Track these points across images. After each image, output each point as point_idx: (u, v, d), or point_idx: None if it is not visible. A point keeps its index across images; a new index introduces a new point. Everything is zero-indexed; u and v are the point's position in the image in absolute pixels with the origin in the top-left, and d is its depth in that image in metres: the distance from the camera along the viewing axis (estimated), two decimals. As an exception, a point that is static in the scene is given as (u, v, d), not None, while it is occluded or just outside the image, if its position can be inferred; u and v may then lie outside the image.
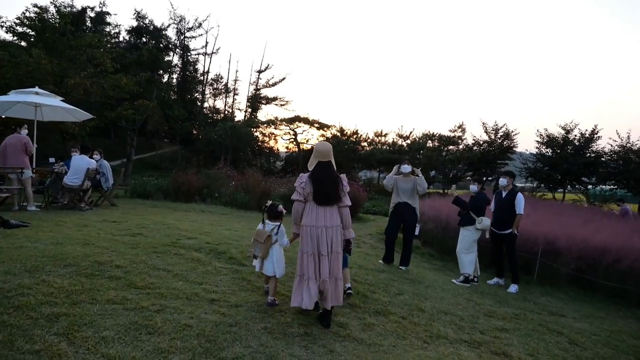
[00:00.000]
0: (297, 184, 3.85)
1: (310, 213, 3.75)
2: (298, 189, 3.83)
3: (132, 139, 17.55)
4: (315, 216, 3.73)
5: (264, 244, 3.88)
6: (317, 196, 3.73)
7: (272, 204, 4.07)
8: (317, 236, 3.68)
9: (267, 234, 3.90)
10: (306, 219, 3.75)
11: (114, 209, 9.26)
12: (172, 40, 44.58)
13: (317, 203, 3.74)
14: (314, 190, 3.73)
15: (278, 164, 43.62)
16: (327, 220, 3.73)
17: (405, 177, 6.75)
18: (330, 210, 3.77)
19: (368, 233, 9.05)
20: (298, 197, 3.83)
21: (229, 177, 13.68)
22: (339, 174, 3.89)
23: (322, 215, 3.73)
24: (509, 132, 27.33)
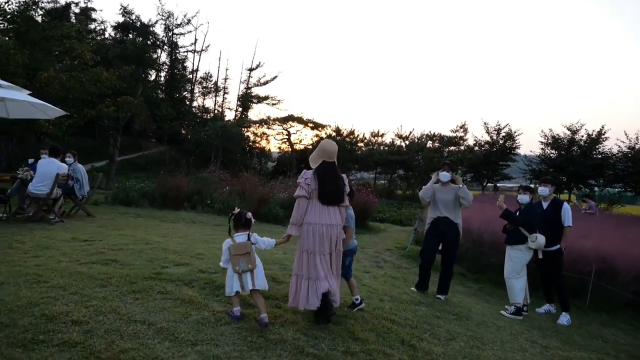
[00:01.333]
0: (302, 179, 3.75)
1: (313, 211, 3.69)
2: (303, 184, 3.71)
3: (116, 139, 16.15)
4: (319, 214, 3.67)
5: (250, 254, 3.51)
6: (322, 195, 3.69)
7: (240, 212, 3.72)
8: (321, 234, 3.63)
9: (248, 244, 3.55)
10: (309, 216, 3.67)
11: (89, 221, 7.94)
12: (160, 37, 43.10)
13: (322, 202, 3.69)
14: (320, 188, 3.68)
15: (270, 164, 42.40)
16: (331, 219, 3.70)
17: (444, 187, 5.56)
18: (334, 209, 3.75)
19: (385, 248, 7.87)
20: (302, 193, 3.69)
21: (221, 180, 12.38)
22: (342, 174, 3.87)
23: (325, 213, 3.69)
24: (511, 133, 26.44)
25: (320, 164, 3.79)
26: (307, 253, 3.64)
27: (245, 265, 3.51)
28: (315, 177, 3.71)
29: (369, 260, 6.76)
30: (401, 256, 7.41)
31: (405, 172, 27.35)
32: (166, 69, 44.82)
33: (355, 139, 29.14)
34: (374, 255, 7.13)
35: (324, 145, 3.89)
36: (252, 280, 3.51)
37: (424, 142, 26.40)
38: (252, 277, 3.52)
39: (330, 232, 3.67)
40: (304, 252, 3.66)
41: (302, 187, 3.72)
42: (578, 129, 23.49)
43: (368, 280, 5.51)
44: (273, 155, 42.20)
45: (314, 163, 3.84)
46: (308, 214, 3.68)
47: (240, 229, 3.68)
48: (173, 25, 43.36)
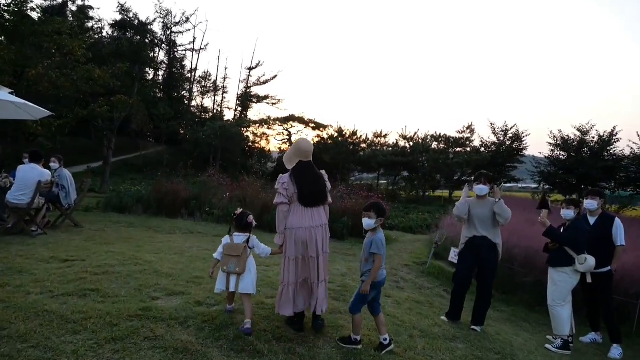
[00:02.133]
0: (279, 185, 3.60)
1: (295, 215, 3.55)
2: (280, 190, 3.57)
3: (110, 140, 15.36)
4: (301, 217, 3.53)
5: (241, 257, 3.50)
6: (303, 197, 3.54)
7: (243, 213, 3.71)
8: (305, 238, 3.49)
9: (242, 246, 3.55)
10: (291, 221, 3.54)
11: (75, 233, 7.19)
12: (158, 35, 42.50)
13: (304, 204, 3.55)
14: (299, 191, 3.53)
15: (269, 165, 41.72)
16: (315, 220, 3.55)
17: (480, 201, 4.82)
18: (317, 210, 3.60)
19: (403, 264, 7.13)
20: (282, 200, 3.56)
21: (221, 185, 11.63)
22: (320, 171, 3.73)
23: (309, 215, 3.54)
24: (519, 134, 25.71)
25: (296, 164, 3.63)
26: (289, 259, 3.53)
27: (234, 268, 3.47)
28: (293, 180, 3.56)
29: (387, 280, 6.02)
30: (421, 273, 6.68)
31: (409, 173, 26.61)
32: (164, 68, 44.20)
33: (358, 139, 28.39)
34: (392, 273, 6.40)
35: (300, 144, 3.70)
36: (236, 283, 3.48)
37: (429, 143, 25.64)
38: (238, 280, 3.48)
39: (315, 235, 3.52)
40: (287, 259, 3.55)
41: (281, 193, 3.57)
42: (588, 130, 22.80)
43: (392, 307, 4.78)
44: (273, 156, 41.55)
45: (289, 163, 3.67)
46: (290, 218, 3.56)
47: (241, 230, 3.66)
48: (171, 24, 42.78)
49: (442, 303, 5.42)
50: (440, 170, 24.52)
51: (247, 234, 3.66)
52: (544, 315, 5.80)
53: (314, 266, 3.53)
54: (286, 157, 3.76)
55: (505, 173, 26.78)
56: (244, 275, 3.50)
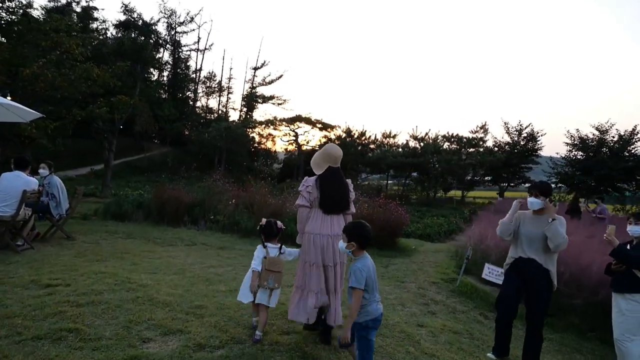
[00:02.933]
0: (303, 187, 3.57)
1: (314, 220, 3.51)
2: (304, 193, 3.55)
3: (111, 143, 14.70)
4: (320, 224, 3.48)
5: (280, 274, 3.41)
6: (324, 203, 3.50)
7: (269, 222, 3.58)
8: (323, 245, 3.42)
9: (281, 262, 3.46)
10: (310, 225, 3.50)
11: (66, 247, 6.50)
12: (163, 35, 42.01)
13: (324, 211, 3.51)
14: (321, 196, 3.50)
15: (275, 166, 41.07)
16: (334, 229, 3.47)
17: (535, 215, 4.06)
18: (337, 218, 3.54)
19: (430, 281, 6.36)
20: (304, 202, 3.54)
21: (226, 190, 10.93)
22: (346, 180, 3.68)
23: (328, 223, 3.48)
24: (534, 133, 24.82)
25: (325, 169, 3.58)
26: (309, 264, 3.46)
27: (273, 283, 3.38)
28: (317, 185, 3.52)
29: (416, 302, 5.29)
30: (451, 293, 5.93)
31: (420, 175, 25.79)
32: (169, 69, 43.69)
33: (367, 140, 27.62)
34: (419, 293, 5.66)
35: (330, 150, 3.66)
36: (269, 298, 3.39)
37: (440, 143, 24.79)
38: (270, 296, 3.39)
39: (332, 243, 3.44)
40: (305, 263, 3.49)
41: (303, 195, 3.54)
42: (607, 129, 21.90)
43: (429, 341, 4.04)
44: (279, 157, 40.91)
45: (318, 168, 3.61)
46: (309, 223, 3.52)
47: (272, 240, 3.54)
48: (176, 24, 42.25)
49: (483, 332, 4.67)
50: (453, 171, 23.68)
51: (278, 244, 3.57)
52: (599, 344, 5.04)
53: (331, 275, 3.46)
54: (314, 162, 3.67)
55: (520, 174, 25.93)
56: (277, 291, 3.44)
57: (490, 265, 5.98)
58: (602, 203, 13.58)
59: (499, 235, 4.22)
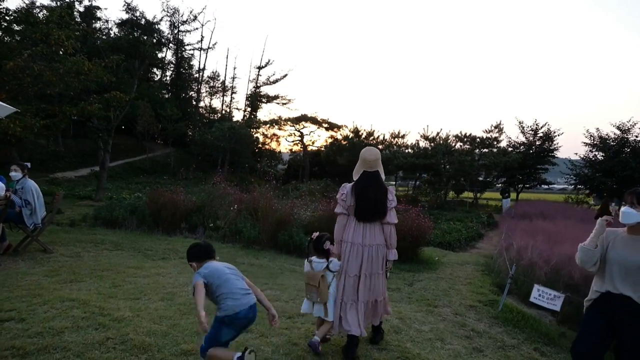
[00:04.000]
0: (339, 195, 3.48)
1: (348, 228, 3.43)
2: (339, 201, 3.47)
3: (106, 142, 13.79)
4: (353, 232, 3.39)
5: (320, 288, 3.28)
6: (358, 211, 3.36)
7: (319, 237, 3.45)
8: (355, 254, 3.36)
9: (319, 274, 3.31)
10: (345, 234, 3.42)
11: (38, 262, 5.57)
12: (165, 34, 41.34)
13: (358, 218, 3.38)
14: (356, 204, 3.35)
15: (280, 167, 40.21)
16: (367, 238, 3.36)
17: (633, 236, 3.06)
18: (372, 227, 3.39)
19: (467, 304, 5.38)
20: (341, 210, 3.47)
21: (228, 194, 10.00)
22: (386, 186, 3.44)
23: (361, 232, 3.37)
24: (550, 133, 23.73)
25: (361, 174, 3.45)
26: (347, 275, 3.39)
27: (316, 298, 3.34)
28: (353, 192, 3.39)
29: (456, 335, 4.31)
30: (494, 320, 4.95)
31: (431, 177, 24.75)
32: (172, 68, 42.97)
33: (375, 140, 26.61)
34: (457, 322, 4.68)
35: (363, 153, 3.49)
36: (324, 312, 3.36)
37: (452, 143, 23.72)
38: (325, 309, 3.35)
39: (366, 253, 3.36)
40: (346, 274, 3.40)
41: (340, 204, 3.48)
42: (630, 128, 20.82)
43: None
44: (284, 158, 40.04)
45: (355, 175, 3.51)
46: (346, 231, 3.43)
47: (319, 255, 3.45)
48: (179, 22, 41.53)
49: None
50: (466, 172, 22.63)
51: (325, 260, 3.42)
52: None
53: (362, 285, 3.38)
54: (355, 169, 3.53)
55: (535, 175, 24.85)
56: (330, 304, 3.37)
57: (541, 286, 5.00)
58: None
59: (580, 265, 3.21)
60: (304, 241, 7.58)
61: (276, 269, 6.39)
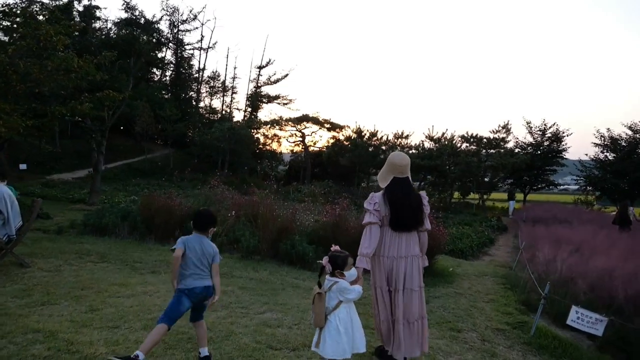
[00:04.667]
0: (369, 205, 3.19)
1: (383, 240, 3.16)
2: (372, 211, 3.16)
3: (100, 144, 13.19)
4: (389, 244, 3.16)
5: (314, 306, 2.81)
6: (394, 221, 3.13)
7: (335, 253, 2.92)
8: (390, 268, 3.15)
9: (316, 291, 2.83)
10: (381, 247, 3.17)
11: (10, 279, 4.96)
12: (165, 33, 40.81)
13: (393, 229, 3.15)
14: (392, 213, 3.12)
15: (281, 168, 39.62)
16: (403, 249, 3.15)
17: None
18: (408, 237, 3.18)
19: (494, 327, 4.73)
20: (374, 220, 3.13)
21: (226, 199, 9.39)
22: (419, 192, 3.36)
23: (397, 243, 3.15)
24: (558, 133, 23.09)
25: (390, 181, 3.23)
26: (381, 289, 3.21)
27: (312, 320, 3.02)
28: (386, 200, 3.15)
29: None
30: (527, 346, 4.32)
31: (437, 178, 24.11)
32: (171, 68, 42.42)
33: (378, 141, 25.97)
34: (486, 350, 4.05)
35: (393, 158, 3.29)
36: (318, 339, 2.82)
37: (458, 144, 23.06)
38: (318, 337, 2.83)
39: (401, 267, 3.13)
40: (378, 289, 3.24)
41: (372, 213, 3.14)
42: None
43: None
44: (285, 159, 39.44)
45: (383, 181, 3.29)
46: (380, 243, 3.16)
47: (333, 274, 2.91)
48: (178, 22, 40.97)
49: None
50: (472, 174, 22.00)
51: (335, 278, 2.88)
52: None
53: (399, 301, 3.11)
54: (380, 175, 3.38)
55: (543, 177, 24.21)
56: (325, 333, 2.79)
57: (580, 308, 4.39)
58: None
59: None
60: (307, 251, 6.97)
61: (277, 284, 5.78)
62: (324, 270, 2.89)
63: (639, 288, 4.62)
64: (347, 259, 2.92)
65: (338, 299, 2.87)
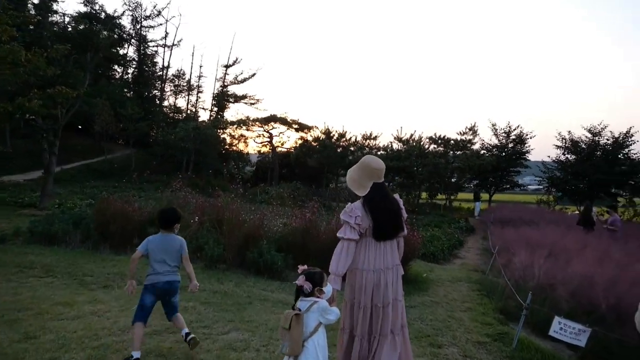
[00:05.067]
0: (349, 217, 2.78)
1: (366, 252, 2.83)
2: (352, 224, 2.77)
3: (52, 144, 12.30)
4: (374, 256, 2.82)
5: (291, 332, 2.46)
6: (378, 231, 2.81)
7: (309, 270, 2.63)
8: (375, 282, 2.80)
9: (291, 314, 2.48)
10: (361, 260, 2.82)
11: None
12: (127, 29, 39.34)
13: (377, 239, 2.84)
14: (375, 223, 2.79)
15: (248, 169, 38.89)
16: (388, 259, 2.86)
17: None
18: (390, 246, 2.91)
19: (475, 340, 4.45)
20: (351, 235, 2.77)
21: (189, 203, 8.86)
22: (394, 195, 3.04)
23: (382, 254, 2.84)
24: (522, 135, 23.61)
25: (371, 188, 2.86)
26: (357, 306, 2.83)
27: (286, 348, 2.51)
28: (367, 210, 2.79)
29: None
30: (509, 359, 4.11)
31: (405, 180, 24.16)
32: (134, 65, 40.91)
33: (347, 142, 25.79)
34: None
35: (370, 162, 2.89)
36: None
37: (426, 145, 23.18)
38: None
39: (387, 279, 2.82)
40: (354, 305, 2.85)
41: (352, 227, 2.76)
42: (600, 131, 20.85)
43: None
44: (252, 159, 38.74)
45: (361, 189, 2.86)
46: (359, 257, 2.82)
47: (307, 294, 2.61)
48: (141, 17, 39.55)
49: None
50: (440, 175, 22.15)
51: (313, 298, 2.56)
52: None
53: (379, 316, 2.80)
54: (352, 181, 2.93)
55: (507, 178, 24.71)
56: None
57: (563, 319, 4.20)
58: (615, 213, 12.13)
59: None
60: (276, 260, 6.57)
61: (244, 297, 5.35)
62: (302, 290, 2.55)
63: (620, 296, 4.47)
64: (323, 275, 2.66)
65: (318, 320, 2.55)
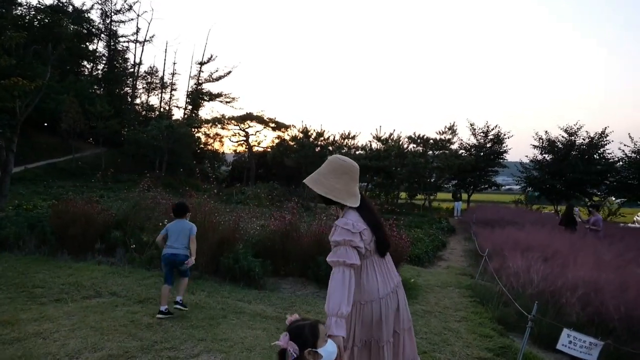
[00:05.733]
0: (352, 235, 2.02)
1: (375, 274, 2.15)
2: (356, 242, 2.02)
3: (11, 141, 11.36)
4: (383, 277, 2.18)
5: None
6: (382, 243, 2.19)
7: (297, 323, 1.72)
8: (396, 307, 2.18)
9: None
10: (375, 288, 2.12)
11: None
12: (97, 24, 37.87)
13: (382, 253, 2.22)
14: (377, 236, 2.16)
15: (223, 169, 38.03)
16: (393, 273, 2.26)
17: None
18: (389, 259, 2.30)
19: (474, 355, 4.03)
20: (355, 260, 1.99)
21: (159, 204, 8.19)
22: None
23: (389, 269, 2.24)
24: (500, 135, 23.66)
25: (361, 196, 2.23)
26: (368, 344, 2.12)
27: None
28: (366, 221, 2.12)
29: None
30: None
31: (384, 179, 23.85)
32: (104, 61, 39.43)
33: (325, 141, 25.31)
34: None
35: (352, 163, 2.22)
36: None
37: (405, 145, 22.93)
38: None
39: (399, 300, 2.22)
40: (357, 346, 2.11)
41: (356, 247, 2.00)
42: (576, 131, 21.04)
43: None
44: (228, 159, 37.89)
45: (352, 198, 2.14)
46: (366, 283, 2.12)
47: None
48: (111, 12, 38.14)
49: None
50: (419, 175, 21.93)
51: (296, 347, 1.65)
52: None
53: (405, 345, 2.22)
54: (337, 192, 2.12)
55: (486, 178, 24.73)
56: None
57: (573, 332, 3.81)
58: (597, 212, 12.08)
59: None
60: (253, 266, 6.01)
61: (217, 310, 4.78)
62: (285, 355, 1.63)
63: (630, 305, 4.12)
64: (318, 328, 1.73)
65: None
